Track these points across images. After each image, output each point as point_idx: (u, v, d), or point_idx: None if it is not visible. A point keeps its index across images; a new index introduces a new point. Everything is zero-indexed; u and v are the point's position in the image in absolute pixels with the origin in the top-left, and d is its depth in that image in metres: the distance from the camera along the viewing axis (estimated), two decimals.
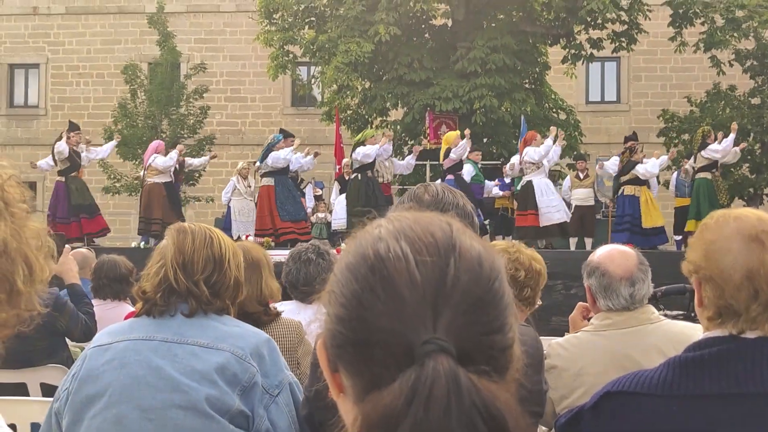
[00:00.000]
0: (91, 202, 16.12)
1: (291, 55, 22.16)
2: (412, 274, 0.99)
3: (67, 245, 5.74)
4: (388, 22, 19.62)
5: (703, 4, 20.90)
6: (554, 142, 15.43)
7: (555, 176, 19.48)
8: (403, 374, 0.95)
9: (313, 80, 24.61)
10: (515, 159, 16.04)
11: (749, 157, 21.61)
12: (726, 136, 15.75)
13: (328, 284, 1.07)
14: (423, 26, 22.05)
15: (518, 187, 15.85)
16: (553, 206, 15.37)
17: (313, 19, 22.11)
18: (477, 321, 0.99)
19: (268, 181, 15.64)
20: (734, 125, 16.24)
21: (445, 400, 0.92)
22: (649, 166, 15.33)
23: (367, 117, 22.41)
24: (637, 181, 15.29)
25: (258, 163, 15.89)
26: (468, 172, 15.94)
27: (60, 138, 15.93)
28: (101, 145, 17.61)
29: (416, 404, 0.92)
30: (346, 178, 16.27)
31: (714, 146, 15.44)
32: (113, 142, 17.87)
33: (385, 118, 22.49)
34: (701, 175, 15.56)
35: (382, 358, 0.97)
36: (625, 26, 21.40)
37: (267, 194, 15.58)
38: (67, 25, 29.67)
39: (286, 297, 4.53)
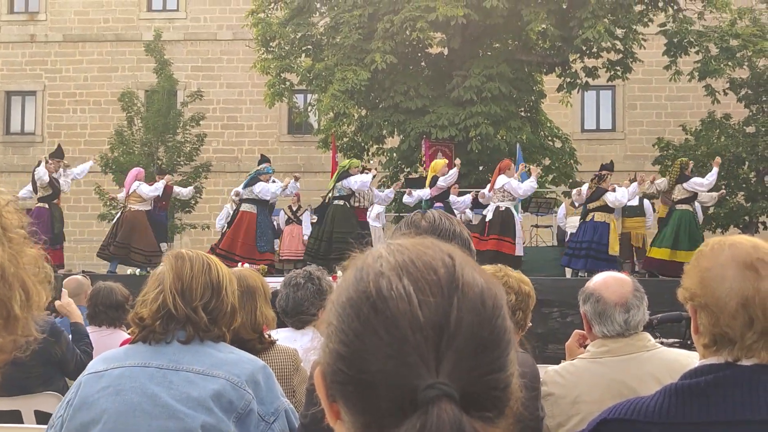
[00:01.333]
0: (60, 233, 15.90)
1: (287, 83, 22.21)
2: (415, 316, 0.98)
3: (64, 289, 5.74)
4: (384, 51, 19.69)
5: (698, 34, 21.03)
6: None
7: (550, 204, 19.48)
8: (408, 420, 0.95)
9: (309, 108, 24.67)
10: (487, 190, 15.73)
11: (744, 186, 21.67)
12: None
13: (326, 314, 1.06)
14: (419, 55, 22.15)
15: (489, 214, 15.46)
16: (520, 237, 15.52)
17: (309, 47, 22.21)
18: (480, 363, 0.99)
19: (251, 208, 15.61)
20: (717, 160, 16.20)
21: None
22: (619, 195, 15.24)
23: (363, 144, 22.45)
24: (606, 209, 15.26)
25: (241, 190, 15.77)
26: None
27: (38, 164, 15.85)
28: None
29: None
30: (328, 202, 16.02)
31: (698, 179, 15.38)
32: (90, 163, 17.25)
33: (381, 146, 22.53)
34: (682, 206, 15.35)
35: (384, 400, 0.97)
36: (620, 55, 21.50)
37: (248, 221, 15.52)
38: (65, 53, 29.75)
39: (281, 324, 4.51)
